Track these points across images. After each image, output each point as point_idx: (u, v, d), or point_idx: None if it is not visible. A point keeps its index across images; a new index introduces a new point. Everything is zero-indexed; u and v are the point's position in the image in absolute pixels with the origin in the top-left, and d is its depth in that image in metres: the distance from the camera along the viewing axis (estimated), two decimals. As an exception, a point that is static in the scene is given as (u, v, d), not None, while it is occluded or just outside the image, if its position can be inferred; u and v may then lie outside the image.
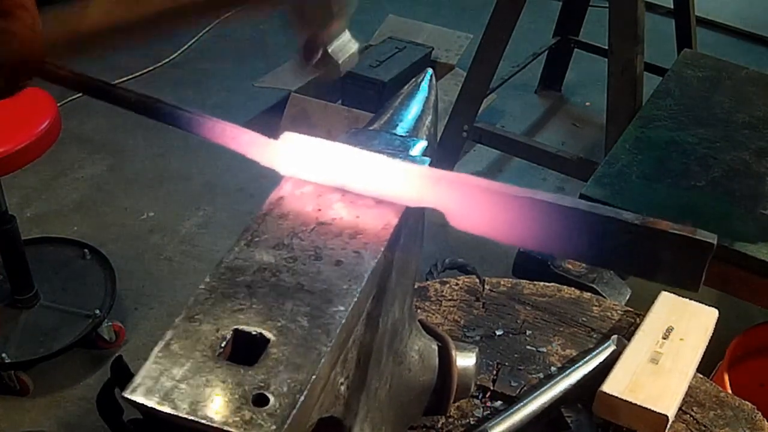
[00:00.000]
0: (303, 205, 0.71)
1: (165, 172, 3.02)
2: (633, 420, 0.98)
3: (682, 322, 1.11)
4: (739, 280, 1.51)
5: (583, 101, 3.68)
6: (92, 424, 2.09)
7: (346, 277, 0.63)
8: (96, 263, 2.43)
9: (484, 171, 3.17)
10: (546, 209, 0.67)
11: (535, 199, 0.67)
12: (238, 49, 3.93)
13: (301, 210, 0.70)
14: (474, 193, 0.69)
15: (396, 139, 0.84)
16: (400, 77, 3.14)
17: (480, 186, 0.69)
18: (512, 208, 0.68)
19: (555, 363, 1.11)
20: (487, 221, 0.68)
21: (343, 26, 0.95)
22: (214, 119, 0.75)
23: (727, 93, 2.00)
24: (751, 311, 1.91)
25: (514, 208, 0.68)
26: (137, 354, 2.27)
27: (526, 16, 2.63)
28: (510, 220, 0.68)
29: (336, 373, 0.63)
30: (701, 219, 1.55)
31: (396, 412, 0.85)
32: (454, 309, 1.19)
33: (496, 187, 0.69)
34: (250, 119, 3.40)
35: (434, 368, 0.90)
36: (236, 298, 0.61)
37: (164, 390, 0.54)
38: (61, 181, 2.96)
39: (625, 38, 2.32)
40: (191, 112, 0.76)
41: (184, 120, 0.76)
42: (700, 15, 3.64)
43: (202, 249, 2.68)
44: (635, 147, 1.76)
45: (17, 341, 2.17)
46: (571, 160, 2.66)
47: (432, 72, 0.96)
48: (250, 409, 0.52)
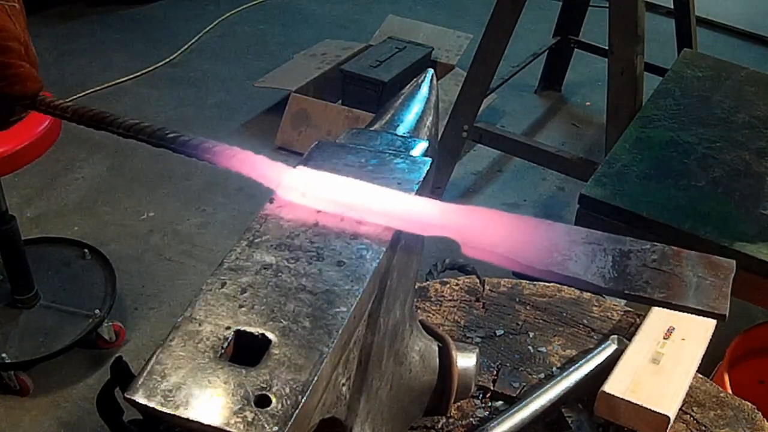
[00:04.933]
0: (304, 205, 0.71)
1: (165, 172, 3.02)
2: (634, 420, 0.98)
3: (682, 322, 1.11)
4: (739, 280, 1.50)
5: (583, 101, 3.68)
6: (92, 424, 2.09)
7: (348, 277, 0.63)
8: (96, 263, 2.43)
9: (484, 171, 3.17)
10: (563, 229, 0.66)
11: (550, 222, 0.66)
12: (238, 49, 3.93)
13: (302, 210, 0.70)
14: (488, 218, 0.67)
15: (397, 140, 0.84)
16: (400, 77, 3.14)
17: (493, 212, 0.67)
18: (529, 230, 0.66)
19: (555, 363, 1.11)
20: (504, 243, 0.65)
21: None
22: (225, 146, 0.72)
23: (727, 93, 2.00)
24: (751, 311, 1.91)
25: (530, 229, 0.66)
26: (137, 354, 2.27)
27: (526, 16, 2.63)
28: (528, 241, 0.65)
29: (338, 373, 0.63)
30: (701, 219, 1.55)
31: (397, 413, 0.85)
32: (455, 309, 1.19)
33: (508, 214, 0.67)
34: (250, 119, 3.40)
35: (435, 369, 0.90)
36: (238, 298, 0.61)
37: (166, 391, 0.53)
38: (61, 181, 2.96)
39: (625, 38, 2.32)
40: (201, 141, 0.73)
41: (196, 148, 0.73)
42: (700, 15, 3.64)
43: (202, 249, 2.68)
44: (635, 147, 1.76)
45: (17, 341, 2.16)
46: (571, 160, 2.66)
47: (433, 72, 0.96)
48: (252, 409, 0.52)
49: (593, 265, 0.65)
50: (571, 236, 0.66)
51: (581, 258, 0.65)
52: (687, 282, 0.64)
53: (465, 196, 3.02)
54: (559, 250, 0.65)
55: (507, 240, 0.65)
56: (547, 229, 0.66)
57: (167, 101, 3.47)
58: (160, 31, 4.03)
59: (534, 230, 0.67)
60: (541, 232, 0.66)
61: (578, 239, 0.66)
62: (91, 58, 3.72)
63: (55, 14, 4.03)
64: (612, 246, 0.66)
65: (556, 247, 0.65)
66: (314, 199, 0.69)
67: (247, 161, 0.70)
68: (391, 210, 0.68)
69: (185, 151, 0.73)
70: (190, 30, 4.01)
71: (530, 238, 0.65)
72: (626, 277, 0.64)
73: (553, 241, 0.66)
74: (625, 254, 0.65)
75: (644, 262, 0.64)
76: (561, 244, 0.65)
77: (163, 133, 0.75)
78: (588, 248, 0.65)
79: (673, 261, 0.65)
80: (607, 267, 0.64)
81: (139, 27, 4.06)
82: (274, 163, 0.70)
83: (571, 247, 0.65)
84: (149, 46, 3.87)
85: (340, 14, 4.37)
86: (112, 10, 4.18)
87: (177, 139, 0.73)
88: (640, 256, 0.65)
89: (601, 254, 0.65)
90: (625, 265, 0.65)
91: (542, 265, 0.63)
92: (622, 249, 0.65)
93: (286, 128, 3.18)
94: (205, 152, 0.72)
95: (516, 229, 0.66)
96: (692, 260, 0.65)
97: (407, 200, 0.69)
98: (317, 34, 3.97)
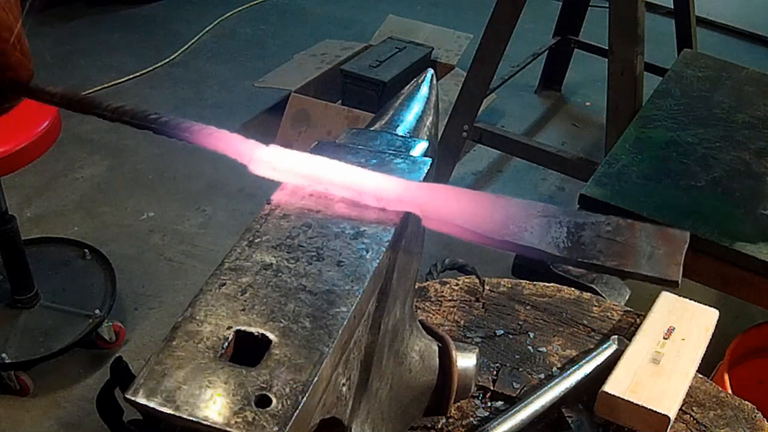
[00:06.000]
0: (304, 205, 0.71)
1: (165, 172, 3.02)
2: (634, 420, 0.98)
3: (682, 322, 1.12)
4: (739, 280, 1.51)
5: (583, 101, 3.69)
6: (92, 424, 2.09)
7: (348, 277, 0.63)
8: (96, 263, 2.43)
9: (484, 171, 3.17)
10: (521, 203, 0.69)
11: (508, 197, 0.69)
12: (238, 49, 3.93)
13: (302, 210, 0.70)
14: (449, 193, 0.70)
15: (397, 140, 0.84)
16: (400, 77, 3.14)
17: (454, 188, 0.71)
18: (487, 204, 0.69)
19: (555, 363, 1.11)
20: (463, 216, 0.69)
21: None
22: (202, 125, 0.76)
23: (727, 93, 2.00)
24: (751, 311, 1.91)
25: (489, 203, 0.69)
26: (137, 354, 2.27)
27: (526, 16, 2.64)
28: (485, 214, 0.69)
29: (338, 373, 0.63)
30: (701, 219, 1.55)
31: (396, 413, 0.85)
32: (455, 309, 1.19)
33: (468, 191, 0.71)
34: (250, 119, 3.40)
35: (435, 369, 0.90)
36: (238, 298, 0.61)
37: (166, 391, 0.53)
38: (61, 181, 2.96)
39: (625, 38, 2.32)
40: (180, 120, 0.76)
41: (175, 127, 0.76)
42: (700, 15, 3.64)
43: (202, 249, 2.68)
44: (635, 147, 1.76)
45: (17, 341, 2.16)
46: (571, 160, 2.66)
47: (433, 72, 0.96)
48: (252, 410, 0.52)
49: (548, 235, 0.67)
50: (528, 210, 0.69)
51: (536, 229, 0.67)
52: (640, 251, 0.65)
53: (465, 196, 3.02)
54: (515, 222, 0.68)
55: (466, 213, 0.68)
56: (505, 204, 0.69)
57: (167, 101, 3.47)
58: (160, 31, 4.03)
59: (492, 204, 0.70)
60: (500, 206, 0.69)
61: (534, 212, 0.69)
62: (91, 58, 3.72)
63: (55, 14, 4.03)
64: (567, 219, 0.68)
65: (512, 219, 0.68)
66: (282, 172, 0.72)
67: (222, 139, 0.74)
68: (354, 183, 0.71)
69: (165, 131, 0.76)
70: (190, 30, 4.01)
71: (488, 212, 0.69)
72: (580, 246, 0.66)
73: (510, 214, 0.68)
74: (579, 226, 0.67)
75: (598, 233, 0.66)
76: (518, 217, 0.68)
77: (144, 115, 0.77)
78: (543, 221, 0.68)
79: (626, 232, 0.67)
80: (561, 237, 0.67)
81: (139, 27, 4.06)
82: (247, 140, 0.74)
83: (527, 220, 0.68)
84: (149, 46, 3.87)
85: (340, 14, 4.37)
86: (112, 10, 4.18)
87: (157, 119, 0.77)
88: (594, 228, 0.67)
89: (556, 226, 0.68)
90: (580, 235, 0.67)
91: (498, 235, 0.66)
92: (577, 221, 0.68)
93: (286, 128, 3.18)
94: (184, 131, 0.75)
95: (475, 204, 0.70)
96: (646, 231, 0.67)
97: (371, 176, 0.72)
98: (317, 34, 3.97)
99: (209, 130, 0.75)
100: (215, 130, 0.75)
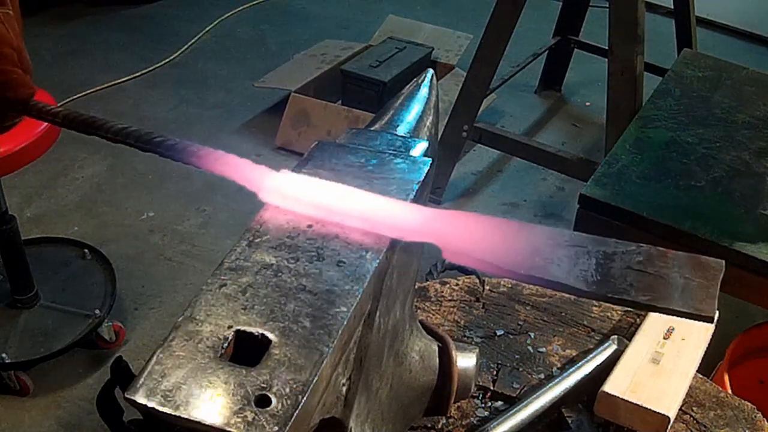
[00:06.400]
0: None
1: (165, 172, 3.02)
2: (634, 420, 0.98)
3: (682, 322, 1.11)
4: (739, 280, 1.51)
5: (583, 101, 3.68)
6: (92, 424, 2.09)
7: (348, 277, 0.63)
8: (96, 263, 2.43)
9: (484, 171, 3.17)
10: (546, 232, 0.64)
11: (532, 225, 0.65)
12: (238, 49, 3.93)
13: (302, 211, 0.70)
14: (469, 222, 0.66)
15: (397, 140, 0.84)
16: (400, 77, 3.14)
17: (475, 216, 0.66)
18: (511, 234, 0.65)
19: (555, 363, 1.11)
20: (485, 247, 0.64)
21: None
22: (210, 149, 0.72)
23: (727, 93, 2.00)
24: (751, 311, 1.91)
25: (512, 233, 0.65)
26: (137, 354, 2.27)
27: (526, 16, 2.64)
28: (509, 245, 0.64)
29: (338, 373, 0.63)
30: (701, 219, 1.55)
31: (396, 413, 0.85)
32: (454, 309, 1.19)
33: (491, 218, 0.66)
34: (250, 119, 3.40)
35: (435, 369, 0.90)
36: (238, 298, 0.61)
37: (166, 391, 0.53)
38: (61, 181, 2.96)
39: (625, 38, 2.32)
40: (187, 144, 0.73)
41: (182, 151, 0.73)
42: (700, 15, 3.64)
43: (202, 249, 2.68)
44: (635, 147, 1.76)
45: (17, 341, 2.16)
46: (571, 160, 2.66)
47: (433, 72, 0.96)
48: (252, 410, 0.52)
49: (576, 268, 0.63)
50: (555, 239, 0.65)
51: (564, 261, 0.63)
52: (673, 284, 0.62)
53: (465, 196, 3.02)
54: (541, 253, 0.64)
55: (488, 244, 0.64)
56: (529, 233, 0.65)
57: (167, 101, 3.47)
58: (160, 31, 4.03)
59: (516, 234, 0.65)
60: (524, 236, 0.65)
61: (561, 242, 0.65)
62: (91, 58, 3.72)
63: (55, 14, 4.03)
64: (596, 248, 0.64)
65: (538, 250, 0.64)
66: (295, 202, 0.69)
67: (230, 164, 0.71)
68: (371, 215, 0.67)
69: (171, 155, 0.73)
70: (190, 30, 4.01)
71: (512, 243, 0.64)
72: (610, 280, 0.63)
73: (536, 244, 0.64)
74: (609, 256, 0.64)
75: (629, 264, 0.63)
76: (544, 248, 0.64)
77: (149, 137, 0.75)
78: (571, 251, 0.64)
79: (658, 262, 0.63)
80: (590, 270, 0.63)
81: (139, 27, 4.06)
82: (257, 166, 0.70)
83: (554, 251, 0.64)
84: (149, 46, 3.87)
85: (340, 14, 4.36)
86: (112, 10, 4.17)
87: (163, 143, 0.74)
88: (624, 258, 0.63)
89: (584, 257, 0.64)
90: (609, 267, 0.63)
91: (524, 269, 0.62)
92: (607, 251, 0.64)
93: (286, 128, 3.18)
94: (191, 156, 0.72)
95: (497, 234, 0.65)
96: (679, 261, 0.64)
97: (387, 205, 0.68)
98: (317, 34, 3.97)
99: (217, 155, 0.71)
100: (223, 154, 0.71)
